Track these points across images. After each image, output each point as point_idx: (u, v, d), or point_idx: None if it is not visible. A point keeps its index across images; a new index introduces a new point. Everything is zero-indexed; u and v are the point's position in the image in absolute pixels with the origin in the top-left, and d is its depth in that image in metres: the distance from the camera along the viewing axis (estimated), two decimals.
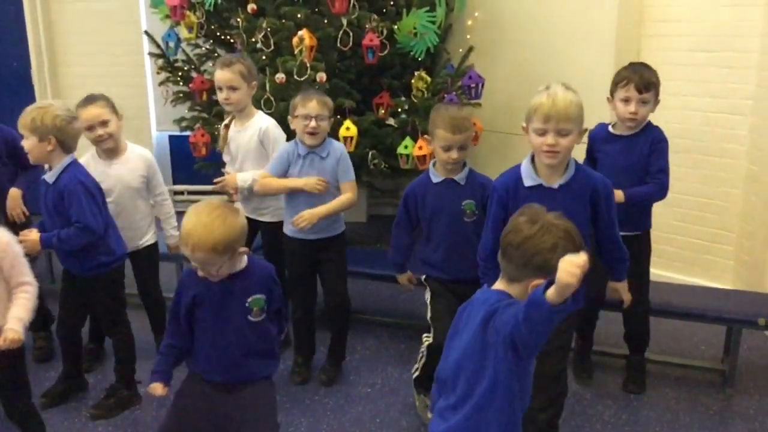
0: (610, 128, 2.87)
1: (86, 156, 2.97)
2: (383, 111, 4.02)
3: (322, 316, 3.21)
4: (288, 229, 3.02)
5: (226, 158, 3.26)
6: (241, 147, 3.13)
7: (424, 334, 2.75)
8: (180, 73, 4.51)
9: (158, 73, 4.61)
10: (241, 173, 3.11)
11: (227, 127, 3.19)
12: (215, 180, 3.21)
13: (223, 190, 3.20)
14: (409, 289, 3.01)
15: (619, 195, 2.62)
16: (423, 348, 2.73)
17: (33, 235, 2.63)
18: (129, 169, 3.01)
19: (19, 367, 2.36)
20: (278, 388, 3.00)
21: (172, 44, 4.45)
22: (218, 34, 4.41)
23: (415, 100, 4.03)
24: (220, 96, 3.08)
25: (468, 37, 4.42)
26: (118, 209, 2.96)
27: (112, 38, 5.41)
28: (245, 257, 2.08)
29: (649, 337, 3.03)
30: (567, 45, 4.14)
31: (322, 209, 2.87)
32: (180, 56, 4.55)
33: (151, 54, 4.74)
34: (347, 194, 2.93)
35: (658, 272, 3.77)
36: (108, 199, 2.83)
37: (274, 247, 3.19)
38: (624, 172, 2.74)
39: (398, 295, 3.92)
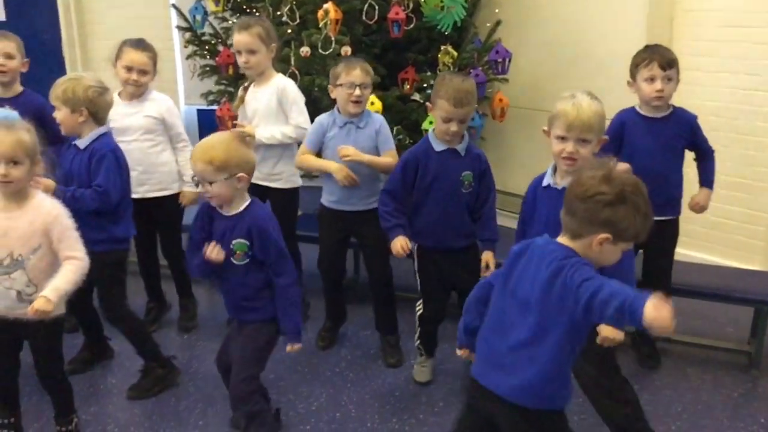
0: (637, 109, 2.83)
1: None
2: (408, 86, 3.99)
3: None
4: (325, 199, 3.05)
5: (240, 119, 3.24)
6: (259, 107, 3.11)
7: (417, 304, 2.83)
8: (207, 47, 4.51)
9: (185, 46, 4.63)
10: (262, 129, 3.08)
11: (246, 89, 3.18)
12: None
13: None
14: (399, 256, 2.70)
15: (706, 194, 2.85)
16: (417, 318, 2.83)
17: (48, 181, 2.59)
18: (146, 110, 3.11)
19: (56, 336, 2.38)
20: (301, 360, 3.09)
21: (199, 17, 4.46)
22: (244, 7, 4.39)
23: None
24: (240, 60, 3.06)
25: (497, 11, 4.35)
26: (138, 152, 3.01)
27: (141, 11, 5.44)
28: (248, 201, 2.23)
29: None
30: (597, 22, 4.06)
31: (365, 156, 2.89)
32: (207, 29, 4.56)
33: (178, 27, 4.75)
34: (388, 159, 2.94)
35: (686, 252, 3.72)
36: (125, 139, 2.90)
37: (286, 215, 3.18)
38: (654, 154, 2.72)
39: None
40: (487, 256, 2.74)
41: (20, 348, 2.39)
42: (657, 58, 2.71)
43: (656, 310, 1.41)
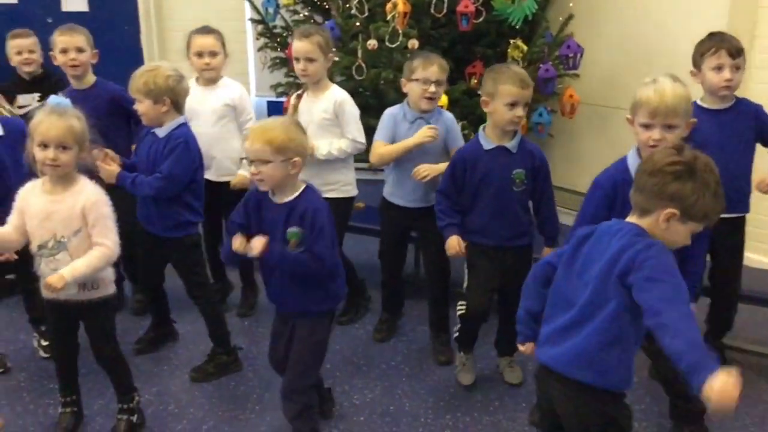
0: (699, 102, 2.70)
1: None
2: (475, 80, 3.94)
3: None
4: (387, 193, 3.06)
5: None
6: (313, 119, 3.08)
7: (459, 302, 2.77)
8: (278, 39, 4.58)
9: (257, 38, 4.71)
10: (318, 143, 3.03)
11: (299, 97, 3.17)
12: None
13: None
14: (453, 255, 2.70)
15: None
16: (459, 317, 2.77)
17: (114, 167, 2.70)
18: (219, 96, 3.21)
19: (107, 315, 2.47)
20: (357, 352, 3.11)
21: (271, 10, 4.52)
22: (315, 0, 4.44)
23: None
24: (297, 67, 3.04)
25: (570, 4, 4.25)
26: (207, 136, 3.06)
27: (217, 4, 5.54)
28: (301, 187, 2.19)
29: (732, 323, 2.87)
30: (675, 16, 3.91)
31: (441, 167, 2.84)
32: (279, 22, 4.63)
33: (251, 20, 4.84)
34: None
35: (756, 257, 3.57)
36: (197, 122, 2.96)
37: (338, 223, 3.21)
38: (722, 147, 2.58)
39: None
40: (547, 253, 2.69)
41: (76, 328, 2.47)
42: (725, 46, 2.58)
43: (721, 393, 1.38)
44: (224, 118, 3.24)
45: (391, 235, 3.13)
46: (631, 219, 1.71)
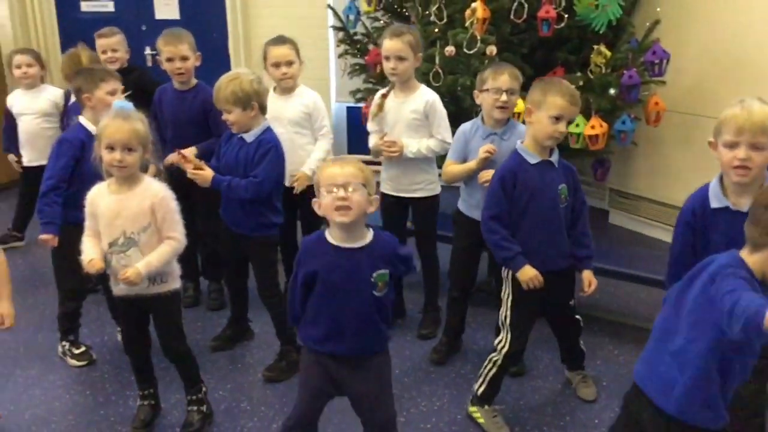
0: None
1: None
2: None
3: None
4: (462, 205, 3.03)
5: (373, 128, 3.24)
6: (401, 118, 3.12)
7: (497, 340, 2.60)
8: (358, 46, 4.63)
9: (338, 45, 4.78)
10: (407, 142, 3.08)
11: (385, 96, 3.19)
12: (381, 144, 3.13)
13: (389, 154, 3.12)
14: (530, 287, 2.49)
15: None
16: (496, 357, 2.59)
17: (208, 171, 2.79)
18: (296, 105, 3.27)
19: (175, 308, 2.56)
20: (426, 358, 3.11)
21: (352, 17, 4.58)
22: (395, 6, 4.47)
23: (592, 76, 3.84)
24: (387, 66, 3.08)
25: (658, 9, 4.10)
26: (285, 143, 3.07)
27: (301, 12, 5.66)
28: (371, 231, 2.04)
29: None
30: (765, 23, 3.72)
31: None
32: (359, 29, 4.68)
33: (333, 27, 4.92)
34: None
35: None
36: (275, 129, 2.98)
37: (427, 222, 3.23)
38: None
39: (577, 284, 3.77)
40: (587, 275, 2.59)
41: (147, 323, 2.57)
42: None
43: None
44: (299, 126, 3.30)
45: (463, 248, 3.04)
46: (743, 252, 1.66)
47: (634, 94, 3.76)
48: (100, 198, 2.39)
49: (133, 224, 2.35)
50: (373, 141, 3.21)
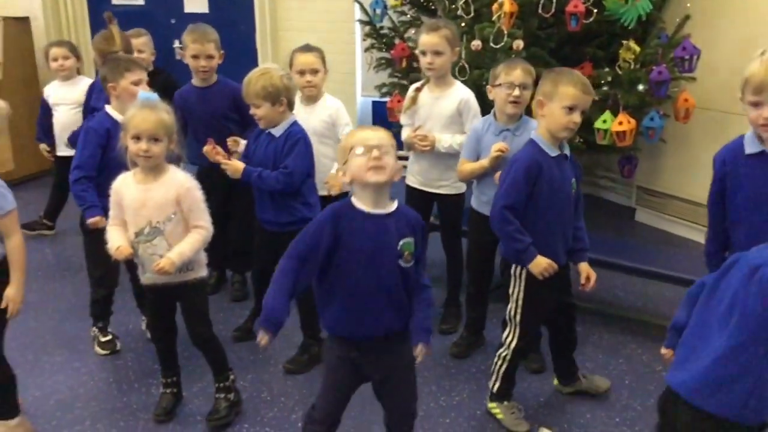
0: None
1: None
2: None
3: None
4: (475, 203, 3.00)
5: (406, 121, 3.24)
6: (434, 113, 3.11)
7: (504, 335, 2.58)
8: (384, 40, 4.63)
9: (364, 39, 4.78)
10: (440, 136, 3.07)
11: (419, 90, 3.18)
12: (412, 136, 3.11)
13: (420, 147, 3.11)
14: (544, 275, 2.42)
15: None
16: (504, 352, 2.57)
17: (238, 163, 2.80)
18: (320, 115, 3.25)
19: (202, 296, 2.59)
20: (446, 353, 3.09)
21: (378, 11, 4.57)
22: (422, 0, 4.46)
23: (620, 72, 3.79)
24: (424, 60, 3.06)
25: (688, 5, 4.04)
26: None
27: (328, 6, 5.69)
28: (395, 201, 1.99)
29: None
30: None
31: None
32: (386, 23, 4.67)
33: (360, 21, 4.91)
34: None
35: None
36: None
37: (452, 219, 3.23)
38: None
39: (610, 282, 3.78)
40: (585, 267, 2.55)
41: (174, 311, 2.60)
42: None
43: None
44: (323, 136, 3.25)
45: (481, 247, 3.01)
46: None
47: (663, 90, 3.71)
48: (125, 188, 2.42)
49: (158, 214, 2.38)
50: (406, 133, 3.20)
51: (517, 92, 2.74)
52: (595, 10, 3.71)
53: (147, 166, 2.38)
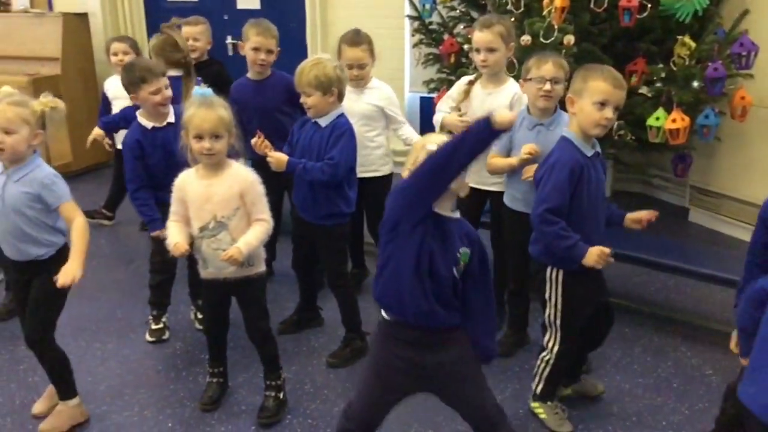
0: None
1: None
2: (636, 78, 3.75)
3: None
4: (508, 200, 2.96)
5: (444, 108, 3.20)
6: (486, 108, 3.00)
7: (546, 339, 2.53)
8: (433, 35, 4.61)
9: (413, 35, 4.77)
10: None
11: (471, 83, 3.15)
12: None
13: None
14: (600, 265, 2.34)
15: None
16: (548, 356, 2.52)
17: (282, 155, 2.82)
18: (368, 98, 3.32)
19: (261, 291, 2.62)
20: None
21: (428, 6, 4.57)
22: None
23: (674, 68, 3.70)
24: (477, 58, 3.03)
25: None
26: (357, 136, 3.10)
27: (377, 1, 5.68)
28: (457, 211, 1.97)
29: None
30: None
31: None
32: (435, 18, 4.66)
33: (409, 17, 4.91)
34: None
35: None
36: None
37: (501, 218, 3.19)
38: None
39: (662, 283, 3.73)
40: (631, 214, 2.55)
41: (229, 305, 2.64)
42: None
43: None
44: (371, 119, 3.33)
45: (515, 245, 2.94)
46: None
47: (718, 87, 3.61)
48: (189, 184, 2.45)
49: (223, 209, 2.42)
50: (444, 117, 3.14)
51: (547, 86, 2.70)
52: (649, 5, 3.64)
53: (210, 163, 2.42)
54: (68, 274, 2.27)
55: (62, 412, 2.58)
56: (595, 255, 2.31)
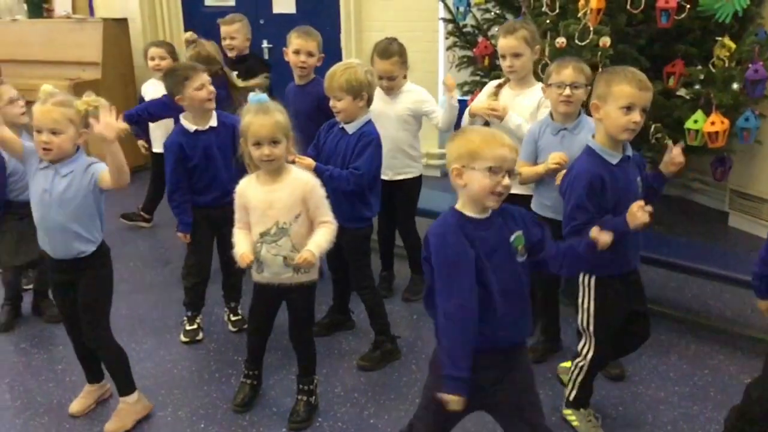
0: None
1: None
2: (674, 80, 3.68)
3: None
4: (536, 206, 2.92)
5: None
6: (515, 111, 3.07)
7: (581, 345, 2.49)
8: (467, 38, 4.59)
9: (447, 38, 4.75)
10: (514, 114, 3.05)
11: (501, 86, 3.17)
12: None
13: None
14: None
15: None
16: (582, 362, 2.47)
17: (309, 160, 2.82)
18: (403, 102, 3.38)
19: (312, 299, 2.63)
20: None
21: (462, 9, 4.54)
22: None
23: (714, 70, 3.62)
24: (504, 63, 3.05)
25: None
26: (390, 140, 3.20)
27: (412, 4, 5.69)
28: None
29: None
30: None
31: None
32: (469, 21, 4.64)
33: (443, 19, 4.90)
34: None
35: None
36: (380, 125, 3.01)
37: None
38: None
39: (700, 289, 3.66)
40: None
41: (276, 311, 2.67)
42: None
43: None
44: (405, 123, 3.38)
45: None
46: None
47: (759, 89, 3.52)
48: (250, 191, 2.47)
49: (285, 214, 2.43)
50: (472, 105, 3.21)
51: (567, 91, 2.68)
52: (688, 6, 3.55)
53: (270, 169, 2.44)
54: (110, 125, 2.25)
55: (123, 409, 2.64)
56: (634, 213, 2.15)
